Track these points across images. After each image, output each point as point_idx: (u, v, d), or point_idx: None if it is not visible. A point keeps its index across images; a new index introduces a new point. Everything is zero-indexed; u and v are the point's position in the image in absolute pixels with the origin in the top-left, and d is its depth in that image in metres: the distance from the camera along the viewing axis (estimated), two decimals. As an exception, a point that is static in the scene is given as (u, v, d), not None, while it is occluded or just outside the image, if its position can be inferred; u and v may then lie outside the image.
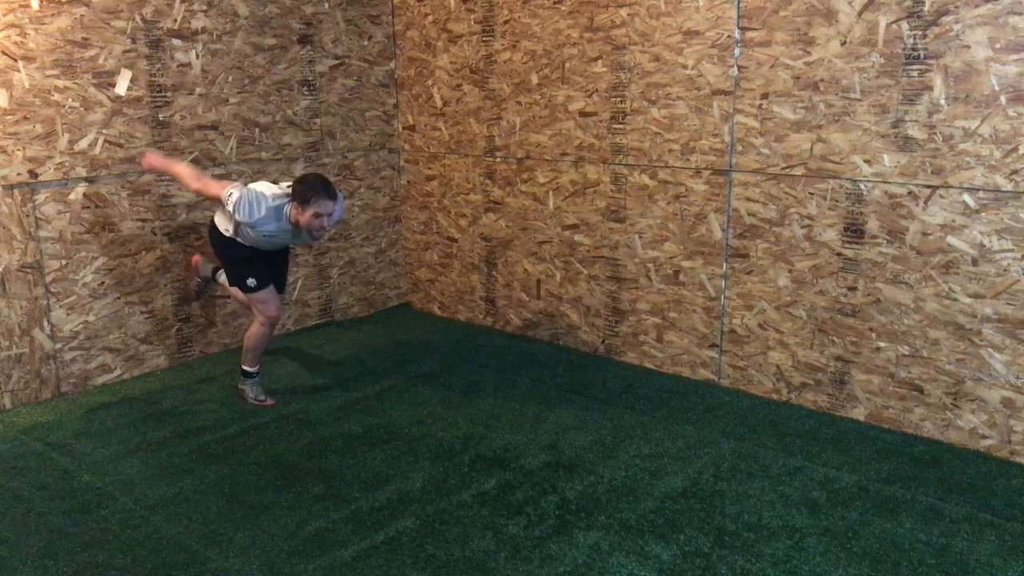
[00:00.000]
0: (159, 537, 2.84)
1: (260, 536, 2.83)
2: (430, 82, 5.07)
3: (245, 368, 3.99)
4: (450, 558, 2.68)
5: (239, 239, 3.75)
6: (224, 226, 3.77)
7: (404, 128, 5.33)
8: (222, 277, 4.15)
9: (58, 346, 4.03)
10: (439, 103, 5.06)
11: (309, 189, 3.54)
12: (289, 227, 3.64)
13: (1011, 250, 3.17)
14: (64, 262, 3.99)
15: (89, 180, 4.03)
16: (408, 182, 5.41)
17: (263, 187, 3.66)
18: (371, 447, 3.49)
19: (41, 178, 3.86)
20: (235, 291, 4.05)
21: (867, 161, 3.46)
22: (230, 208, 3.57)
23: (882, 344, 3.55)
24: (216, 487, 3.17)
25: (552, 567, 2.62)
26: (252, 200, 3.56)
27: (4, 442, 3.59)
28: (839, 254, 3.61)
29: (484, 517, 2.92)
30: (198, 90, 4.34)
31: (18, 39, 3.70)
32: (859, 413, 3.67)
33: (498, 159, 4.82)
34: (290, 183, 3.66)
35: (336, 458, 3.39)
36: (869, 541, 2.74)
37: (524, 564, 2.64)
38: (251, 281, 3.79)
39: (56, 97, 3.86)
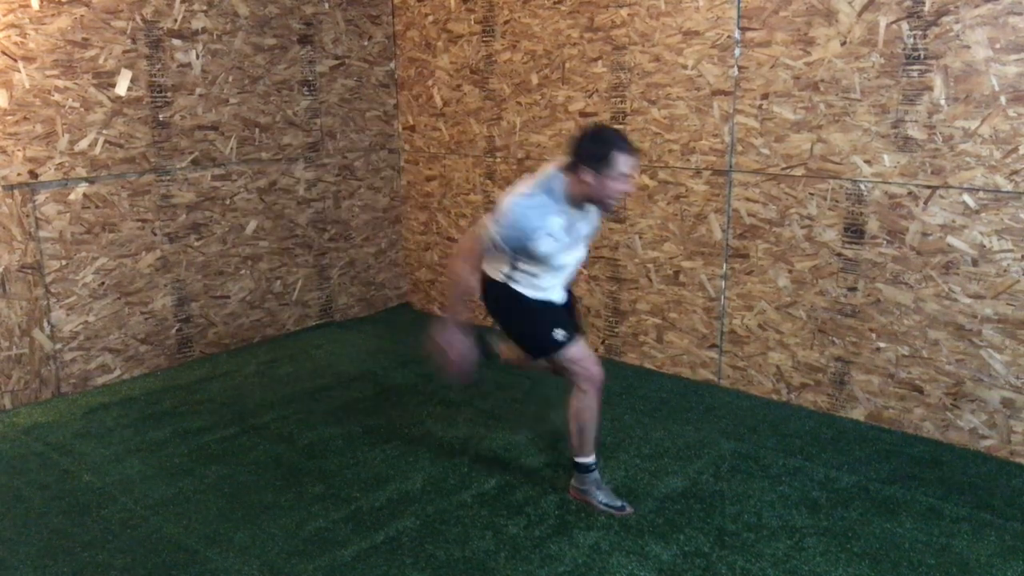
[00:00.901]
0: (159, 537, 2.84)
1: (260, 536, 2.83)
2: (430, 82, 5.07)
3: (579, 460, 2.99)
4: (450, 558, 2.68)
5: (520, 287, 2.91)
6: (498, 273, 2.92)
7: (404, 128, 5.33)
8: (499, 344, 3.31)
9: (58, 346, 4.03)
10: (439, 103, 5.06)
11: (606, 143, 2.65)
12: (573, 209, 2.76)
13: (1011, 250, 3.17)
14: (64, 262, 3.99)
15: (89, 180, 4.03)
16: (408, 182, 5.41)
17: (511, 196, 2.77)
18: (371, 447, 3.49)
19: (41, 178, 3.86)
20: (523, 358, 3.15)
21: (867, 161, 3.46)
22: (495, 231, 2.69)
23: (882, 344, 3.55)
24: (216, 487, 3.17)
25: (552, 567, 2.62)
26: (515, 205, 2.70)
27: (4, 442, 3.59)
28: (839, 254, 3.61)
29: (484, 517, 2.92)
30: (198, 90, 4.34)
31: (18, 39, 3.70)
32: (859, 413, 3.67)
33: (498, 159, 4.82)
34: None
35: (336, 458, 3.39)
36: (869, 541, 2.74)
37: (524, 564, 2.64)
38: (559, 334, 2.87)
39: (56, 97, 3.86)
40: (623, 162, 2.64)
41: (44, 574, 2.63)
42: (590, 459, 2.99)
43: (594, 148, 2.66)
